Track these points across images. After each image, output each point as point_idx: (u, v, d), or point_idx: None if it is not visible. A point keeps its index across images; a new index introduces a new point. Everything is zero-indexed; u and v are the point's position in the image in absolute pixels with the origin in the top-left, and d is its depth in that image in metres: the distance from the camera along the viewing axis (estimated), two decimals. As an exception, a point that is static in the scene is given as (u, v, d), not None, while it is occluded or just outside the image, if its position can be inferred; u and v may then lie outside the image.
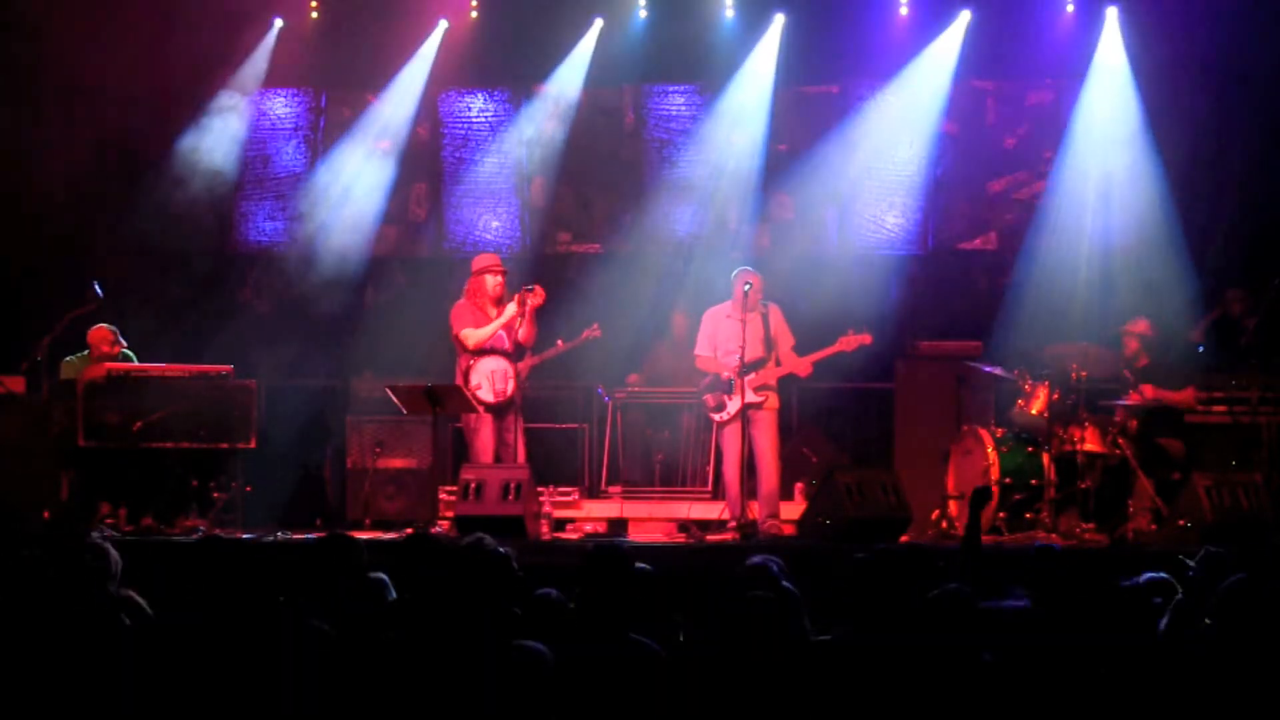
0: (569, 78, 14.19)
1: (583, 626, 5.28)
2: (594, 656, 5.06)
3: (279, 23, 14.19)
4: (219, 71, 14.06)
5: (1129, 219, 13.32)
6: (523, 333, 11.32)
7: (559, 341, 11.81)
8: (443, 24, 14.15)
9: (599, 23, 14.04)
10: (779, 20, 13.84)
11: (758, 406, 11.02)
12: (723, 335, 11.25)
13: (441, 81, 14.35)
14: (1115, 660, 5.16)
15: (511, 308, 11.27)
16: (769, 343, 11.12)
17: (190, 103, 13.95)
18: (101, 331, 11.71)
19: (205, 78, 14.00)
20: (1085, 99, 13.57)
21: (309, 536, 10.73)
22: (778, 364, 11.17)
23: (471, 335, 11.38)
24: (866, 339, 11.07)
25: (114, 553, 5.89)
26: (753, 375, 10.96)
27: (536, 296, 11.30)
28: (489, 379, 11.28)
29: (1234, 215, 13.00)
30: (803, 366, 11.21)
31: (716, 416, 11.28)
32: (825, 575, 6.02)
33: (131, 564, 5.99)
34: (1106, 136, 13.45)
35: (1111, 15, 13.43)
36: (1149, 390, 11.23)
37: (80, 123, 13.57)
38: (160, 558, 8.45)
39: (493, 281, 11.41)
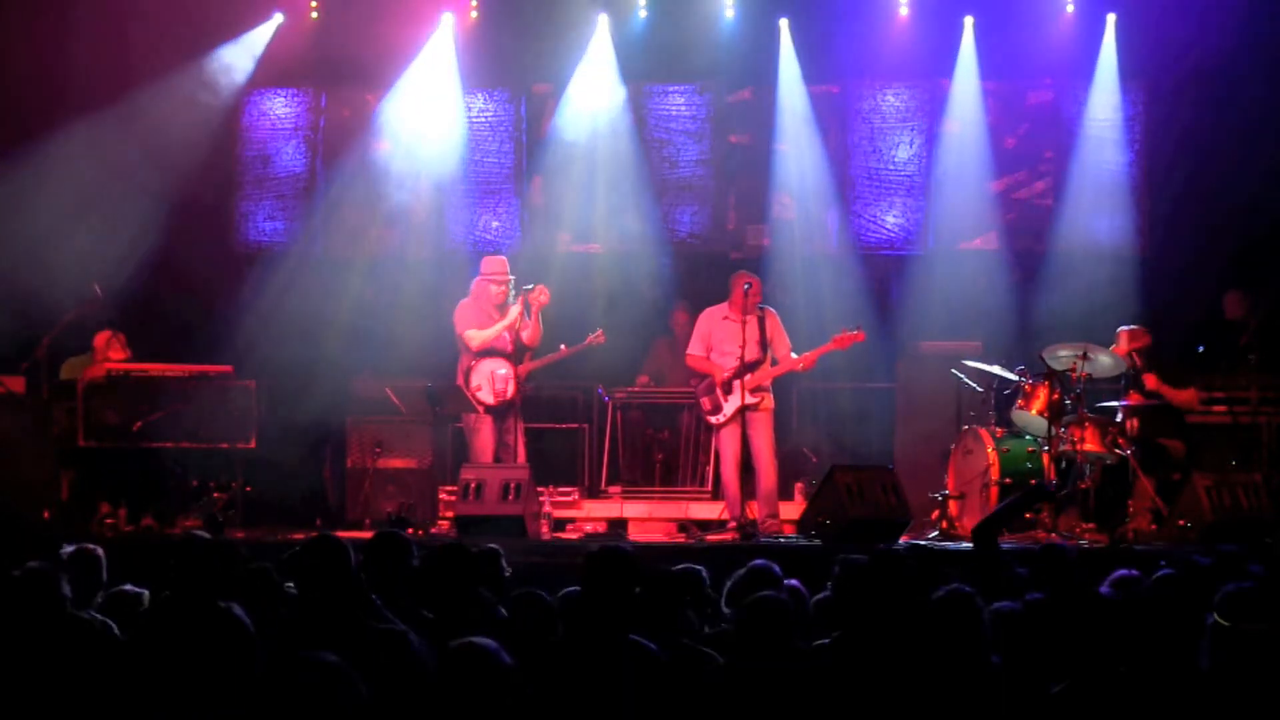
0: (569, 77, 14.18)
1: (583, 626, 5.26)
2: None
3: (279, 17, 14.16)
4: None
5: (1127, 221, 13.34)
6: (527, 334, 11.36)
7: (561, 346, 11.80)
8: (449, 19, 14.13)
9: (604, 21, 14.02)
10: (784, 24, 13.87)
11: (754, 407, 11.00)
12: (718, 336, 11.24)
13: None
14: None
15: (514, 310, 11.29)
16: (764, 345, 11.11)
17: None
18: (106, 336, 11.74)
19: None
20: (1086, 101, 13.61)
21: (309, 537, 10.72)
22: (774, 363, 11.14)
23: (475, 336, 11.42)
24: (860, 336, 11.03)
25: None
26: (748, 376, 10.95)
27: (542, 295, 11.34)
28: (489, 380, 11.30)
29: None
30: (799, 363, 11.14)
31: (713, 419, 11.27)
32: (824, 576, 5.97)
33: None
34: (1105, 138, 13.48)
35: (1110, 22, 13.46)
36: (1151, 380, 11.22)
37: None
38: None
39: (496, 290, 11.45)
